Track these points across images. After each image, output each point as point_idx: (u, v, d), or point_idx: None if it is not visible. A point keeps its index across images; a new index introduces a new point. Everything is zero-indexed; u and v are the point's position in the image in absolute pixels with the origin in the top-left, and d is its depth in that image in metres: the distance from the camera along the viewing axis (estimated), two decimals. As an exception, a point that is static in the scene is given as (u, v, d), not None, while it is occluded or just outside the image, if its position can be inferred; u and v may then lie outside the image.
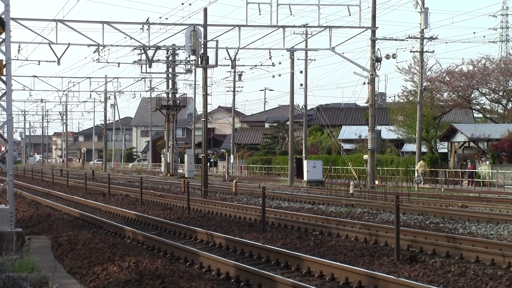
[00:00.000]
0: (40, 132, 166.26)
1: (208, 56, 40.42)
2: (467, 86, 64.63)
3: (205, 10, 42.39)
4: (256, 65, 63.21)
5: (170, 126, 77.69)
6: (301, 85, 63.71)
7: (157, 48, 49.56)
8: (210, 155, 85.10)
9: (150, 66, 52.03)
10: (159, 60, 70.42)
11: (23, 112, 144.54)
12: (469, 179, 51.93)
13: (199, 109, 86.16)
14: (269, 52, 49.40)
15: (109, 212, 29.21)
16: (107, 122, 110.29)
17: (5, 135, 18.61)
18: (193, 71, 75.43)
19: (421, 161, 54.68)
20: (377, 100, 58.79)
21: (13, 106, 25.61)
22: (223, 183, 56.33)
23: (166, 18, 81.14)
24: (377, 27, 47.49)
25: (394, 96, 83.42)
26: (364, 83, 48.61)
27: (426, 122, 60.70)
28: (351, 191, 38.19)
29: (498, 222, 23.92)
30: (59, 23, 42.24)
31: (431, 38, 50.76)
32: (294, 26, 47.58)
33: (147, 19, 47.59)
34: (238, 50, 47.19)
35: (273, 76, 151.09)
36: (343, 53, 51.90)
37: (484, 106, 68.39)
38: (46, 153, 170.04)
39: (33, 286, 12.50)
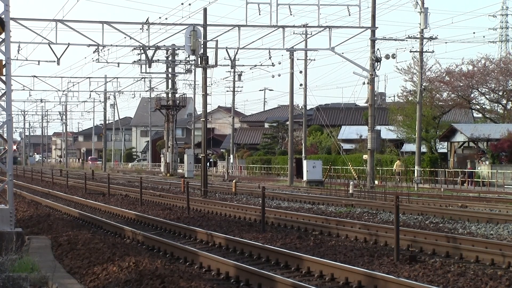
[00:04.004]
0: (40, 132, 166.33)
1: (207, 56, 40.42)
2: (467, 86, 64.63)
3: (205, 10, 42.38)
4: (256, 65, 63.14)
5: (170, 126, 77.67)
6: (301, 85, 63.74)
7: (157, 48, 49.54)
8: (210, 155, 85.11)
9: (149, 66, 52.06)
10: (159, 60, 70.45)
11: (22, 112, 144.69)
12: (469, 179, 51.94)
13: (199, 109, 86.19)
14: (269, 52, 49.38)
15: (109, 212, 29.21)
16: (107, 122, 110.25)
17: (5, 135, 18.60)
18: (193, 71, 75.47)
19: (398, 161, 55.60)
20: (377, 100, 58.73)
21: (13, 106, 25.53)
22: (223, 183, 56.32)
23: (166, 18, 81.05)
24: (377, 27, 47.48)
25: (394, 96, 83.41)
26: (364, 83, 48.59)
27: (425, 122, 60.71)
28: (350, 191, 38.17)
29: (498, 222, 23.93)
30: (59, 23, 42.24)
31: (431, 38, 50.71)
32: (294, 26, 47.57)
33: (147, 19, 47.56)
34: (237, 50, 47.18)
35: (273, 76, 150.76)
36: (343, 53, 51.84)
37: (484, 106, 68.39)
38: (45, 153, 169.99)
39: (33, 286, 12.50)
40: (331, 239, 19.64)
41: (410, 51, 51.76)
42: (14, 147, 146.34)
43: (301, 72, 62.49)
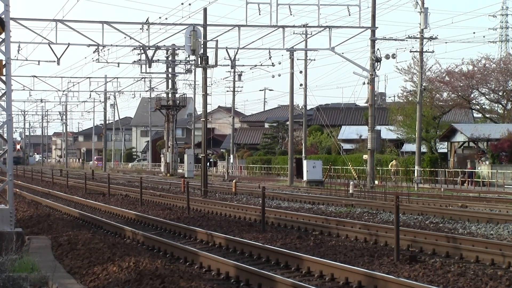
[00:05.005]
0: (40, 132, 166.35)
1: (208, 56, 40.42)
2: (467, 86, 64.62)
3: (205, 10, 42.38)
4: (256, 65, 63.13)
5: (170, 126, 77.68)
6: (301, 85, 63.74)
7: (157, 48, 49.53)
8: (210, 155, 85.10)
9: (150, 66, 52.03)
10: (159, 60, 70.46)
11: (23, 112, 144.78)
12: (469, 179, 51.96)
13: (199, 109, 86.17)
14: (269, 52, 49.38)
15: (109, 212, 29.22)
16: (107, 122, 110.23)
17: (5, 135, 18.59)
18: (193, 71, 75.47)
19: (393, 161, 55.88)
20: (377, 100, 58.73)
21: (13, 106, 25.49)
22: (223, 183, 56.32)
23: (166, 18, 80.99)
24: (377, 27, 47.49)
25: (394, 96, 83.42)
26: (364, 83, 48.59)
27: (426, 122, 60.71)
28: (350, 191, 38.17)
29: (498, 222, 23.93)
30: (59, 23, 42.24)
31: (431, 38, 50.70)
32: (294, 26, 47.57)
33: (147, 19, 47.57)
34: (238, 50, 47.17)
35: (273, 76, 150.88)
36: (343, 53, 51.86)
37: (484, 106, 68.39)
38: (46, 153, 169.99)
39: (33, 286, 12.50)
40: (331, 239, 19.64)
41: (410, 51, 51.78)
42: (18, 146, 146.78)
43: (301, 72, 62.56)
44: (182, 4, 52.47)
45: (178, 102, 77.58)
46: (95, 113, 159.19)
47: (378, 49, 46.81)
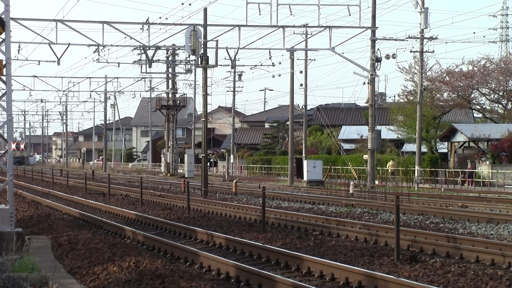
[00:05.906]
0: (40, 132, 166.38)
1: (208, 56, 40.43)
2: (467, 86, 64.63)
3: (205, 10, 42.39)
4: (256, 65, 63.16)
5: (170, 126, 77.68)
6: (301, 85, 63.74)
7: (157, 48, 49.53)
8: (210, 155, 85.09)
9: (150, 66, 52.01)
10: (159, 60, 70.45)
11: (23, 112, 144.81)
12: (469, 179, 51.97)
13: (199, 109, 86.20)
14: (269, 52, 49.41)
15: (109, 212, 29.22)
16: (107, 122, 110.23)
17: (5, 135, 18.59)
18: (193, 71, 75.46)
19: (391, 161, 55.99)
20: (377, 100, 58.77)
21: (13, 106, 25.57)
22: (223, 183, 56.31)
23: (166, 18, 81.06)
24: (377, 27, 47.49)
25: (394, 96, 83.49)
26: (364, 83, 48.60)
27: (426, 122, 60.71)
28: (351, 191, 38.17)
29: (498, 222, 23.93)
30: (59, 23, 42.24)
31: (431, 38, 50.72)
32: (294, 26, 47.59)
33: (147, 19, 47.58)
34: (238, 50, 47.14)
35: (273, 76, 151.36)
36: (343, 53, 51.89)
37: (484, 106, 68.39)
38: (46, 153, 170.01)
39: (33, 286, 12.50)
40: (331, 239, 19.64)
41: (411, 51, 51.81)
42: (22, 146, 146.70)
43: (301, 72, 62.56)
44: (182, 4, 52.57)
45: (178, 102, 77.59)
46: (95, 113, 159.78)
47: (378, 49, 46.87)
